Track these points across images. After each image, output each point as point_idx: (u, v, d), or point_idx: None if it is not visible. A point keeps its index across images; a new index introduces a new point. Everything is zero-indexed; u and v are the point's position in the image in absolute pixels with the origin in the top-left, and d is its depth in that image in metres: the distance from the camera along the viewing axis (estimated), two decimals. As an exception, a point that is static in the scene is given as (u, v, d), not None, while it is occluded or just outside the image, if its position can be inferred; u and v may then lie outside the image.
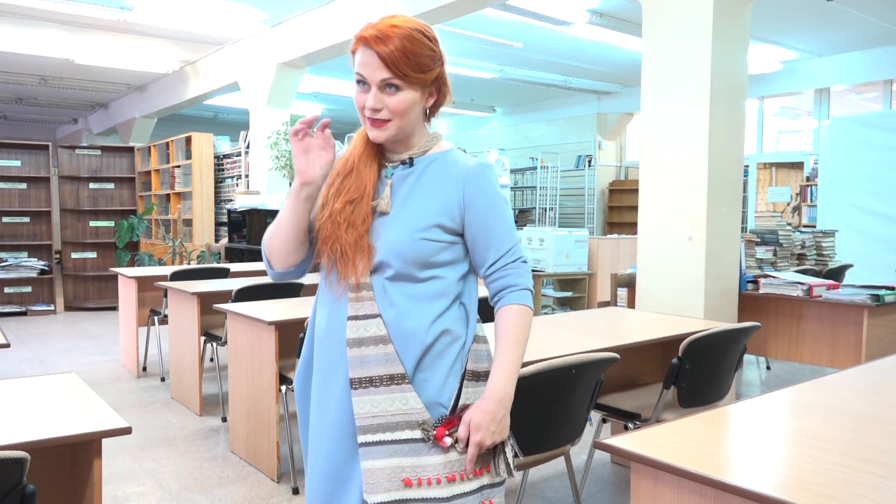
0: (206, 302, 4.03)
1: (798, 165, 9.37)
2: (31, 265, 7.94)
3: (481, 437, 1.35)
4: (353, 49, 1.40)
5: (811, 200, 8.32)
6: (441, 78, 1.44)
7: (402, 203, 1.42)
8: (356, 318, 1.38)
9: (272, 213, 7.10)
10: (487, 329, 1.50)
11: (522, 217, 12.16)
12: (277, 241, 1.44)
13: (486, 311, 1.45)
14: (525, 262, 1.47)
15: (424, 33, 1.38)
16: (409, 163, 1.45)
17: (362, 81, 1.37)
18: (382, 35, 1.34)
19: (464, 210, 1.42)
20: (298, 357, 1.63)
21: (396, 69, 1.33)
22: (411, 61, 1.34)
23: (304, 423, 1.53)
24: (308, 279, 4.05)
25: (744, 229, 4.24)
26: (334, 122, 1.46)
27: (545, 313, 6.61)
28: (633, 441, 1.37)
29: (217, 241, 9.17)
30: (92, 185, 8.66)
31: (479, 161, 1.46)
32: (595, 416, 2.79)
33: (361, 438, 1.35)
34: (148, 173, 10.57)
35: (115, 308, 7.27)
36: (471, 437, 1.35)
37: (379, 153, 1.46)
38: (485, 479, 1.40)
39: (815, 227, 7.27)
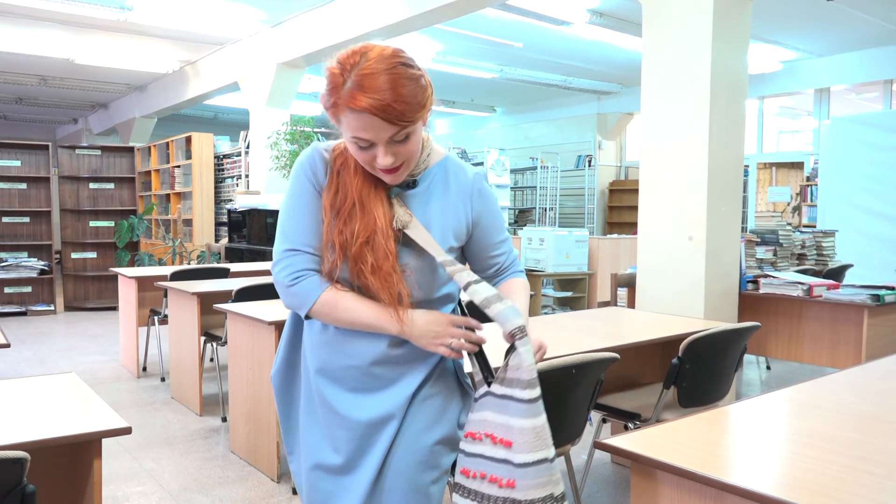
0: (206, 302, 4.03)
1: (798, 165, 9.36)
2: (31, 265, 7.94)
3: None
4: (334, 111, 1.27)
5: (811, 200, 8.32)
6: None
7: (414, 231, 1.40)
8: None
9: (272, 213, 7.10)
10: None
11: (522, 217, 12.16)
12: (336, 324, 1.39)
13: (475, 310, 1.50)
14: (516, 254, 1.59)
15: (407, 64, 1.25)
16: (413, 184, 1.42)
17: (364, 142, 1.27)
18: (370, 89, 1.21)
19: (471, 225, 1.46)
20: None
21: (403, 120, 1.23)
22: (411, 105, 1.23)
23: (285, 420, 1.54)
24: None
25: (744, 229, 4.24)
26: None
27: (545, 313, 6.61)
28: (633, 441, 1.37)
29: (217, 241, 9.17)
30: (92, 185, 8.66)
31: (477, 172, 1.48)
32: (595, 416, 2.79)
33: None
34: (148, 173, 10.58)
35: (115, 308, 7.27)
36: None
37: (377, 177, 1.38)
38: (505, 454, 1.31)
39: (815, 227, 7.27)
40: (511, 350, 1.31)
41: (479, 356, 1.39)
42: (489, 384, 1.34)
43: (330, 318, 1.39)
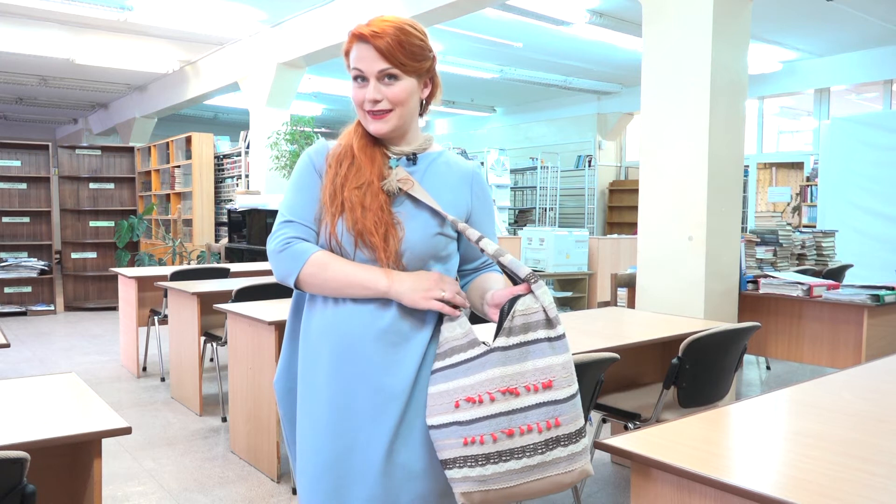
0: (206, 302, 4.03)
1: (798, 165, 9.37)
2: (31, 265, 7.94)
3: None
4: (347, 49, 1.43)
5: (811, 200, 8.32)
6: (433, 70, 1.48)
7: (414, 200, 1.43)
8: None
9: (272, 213, 7.09)
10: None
11: (522, 217, 12.15)
12: (325, 291, 1.40)
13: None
14: None
15: (414, 27, 1.42)
16: (413, 160, 1.47)
17: (360, 77, 1.40)
18: (376, 29, 1.38)
19: (470, 210, 1.51)
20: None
21: (393, 58, 1.37)
22: (406, 50, 1.38)
23: (289, 426, 1.52)
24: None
25: (744, 229, 4.24)
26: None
27: (545, 313, 6.59)
28: (633, 441, 1.37)
29: (217, 241, 9.17)
30: (92, 185, 8.66)
31: (475, 164, 1.57)
32: (595, 416, 2.79)
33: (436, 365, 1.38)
34: (148, 173, 10.58)
35: (115, 308, 7.27)
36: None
37: (377, 144, 1.46)
38: (546, 396, 1.29)
39: (815, 227, 7.27)
40: (516, 300, 1.33)
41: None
42: (486, 343, 1.34)
43: (318, 281, 1.39)
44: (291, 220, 1.43)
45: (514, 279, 1.40)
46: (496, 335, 1.33)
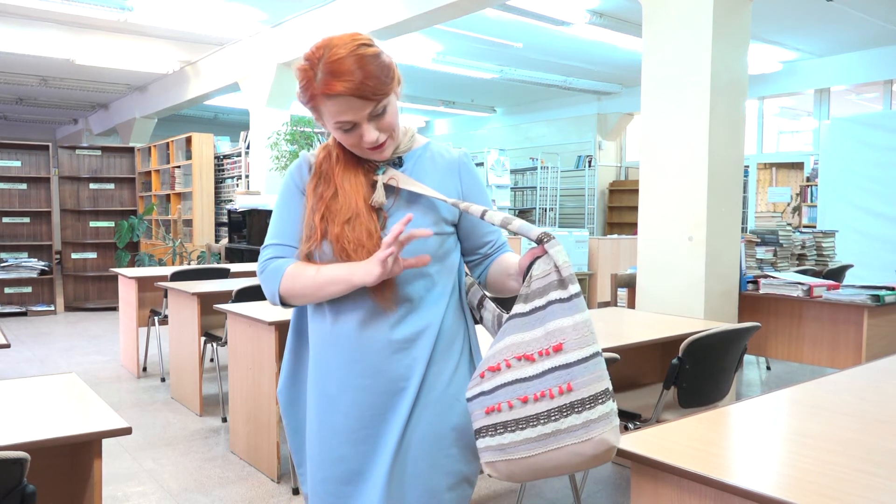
0: (207, 302, 4.04)
1: (798, 165, 9.37)
2: (32, 265, 7.94)
3: None
4: (313, 103, 1.35)
5: (811, 200, 8.32)
6: (398, 73, 1.41)
7: (405, 201, 1.43)
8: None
9: (272, 214, 7.09)
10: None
11: (522, 217, 12.10)
12: (307, 299, 1.42)
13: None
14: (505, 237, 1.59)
15: (367, 44, 1.33)
16: (399, 162, 1.46)
17: (347, 124, 1.34)
18: (340, 74, 1.29)
19: (462, 198, 1.48)
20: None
21: (378, 94, 1.32)
22: (381, 79, 1.32)
23: (293, 435, 1.52)
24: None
25: (744, 229, 4.24)
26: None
27: (545, 313, 6.59)
28: (633, 441, 1.37)
29: (217, 241, 9.17)
30: (92, 186, 8.66)
31: (462, 151, 1.54)
32: (595, 416, 2.79)
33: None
34: (148, 173, 10.58)
35: (115, 308, 7.27)
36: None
37: (358, 160, 1.43)
38: (557, 360, 1.25)
39: (815, 227, 7.27)
40: (532, 265, 1.31)
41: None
42: (508, 310, 1.34)
43: (296, 293, 1.40)
44: (270, 243, 1.47)
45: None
46: (515, 302, 1.32)
